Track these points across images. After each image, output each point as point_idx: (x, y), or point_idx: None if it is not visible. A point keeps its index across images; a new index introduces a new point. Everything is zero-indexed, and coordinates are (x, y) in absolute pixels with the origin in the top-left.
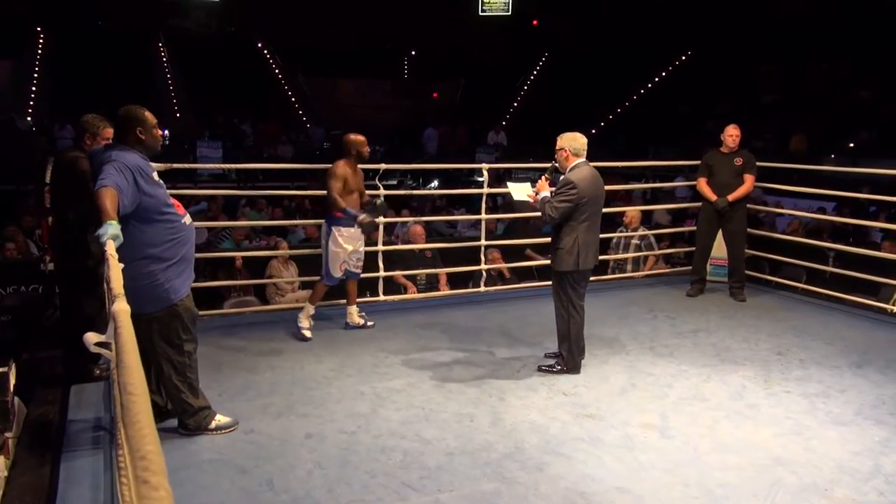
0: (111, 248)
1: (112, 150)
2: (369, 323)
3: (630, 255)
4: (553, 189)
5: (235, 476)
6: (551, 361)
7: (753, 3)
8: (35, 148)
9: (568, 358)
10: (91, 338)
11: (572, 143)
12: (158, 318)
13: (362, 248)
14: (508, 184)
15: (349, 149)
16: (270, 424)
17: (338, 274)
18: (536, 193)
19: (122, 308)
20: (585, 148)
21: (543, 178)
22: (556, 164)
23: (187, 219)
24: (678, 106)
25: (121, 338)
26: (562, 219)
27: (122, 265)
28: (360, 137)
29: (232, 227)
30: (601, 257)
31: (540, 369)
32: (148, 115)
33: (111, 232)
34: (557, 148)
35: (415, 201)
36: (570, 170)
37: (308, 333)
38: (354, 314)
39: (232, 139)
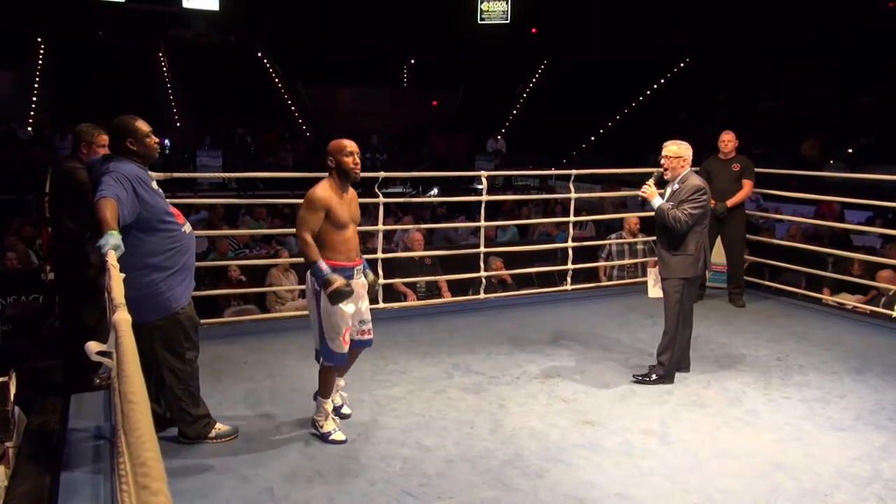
0: (112, 258)
1: (110, 162)
2: (345, 410)
3: (639, 260)
4: (661, 194)
5: (236, 484)
6: (645, 371)
7: (752, 11)
8: (35, 158)
9: (669, 367)
10: (93, 347)
11: (689, 152)
12: (160, 327)
13: (366, 307)
14: (652, 295)
15: (328, 161)
16: (270, 433)
17: (343, 348)
18: (640, 200)
19: (122, 317)
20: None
21: (650, 182)
22: (664, 171)
23: (187, 227)
24: (677, 112)
25: (121, 346)
26: (692, 225)
27: (123, 275)
28: (343, 142)
29: (232, 235)
30: (599, 264)
31: (635, 378)
32: (139, 124)
33: (112, 242)
34: (673, 155)
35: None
36: (684, 178)
37: (340, 436)
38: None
39: (234, 148)
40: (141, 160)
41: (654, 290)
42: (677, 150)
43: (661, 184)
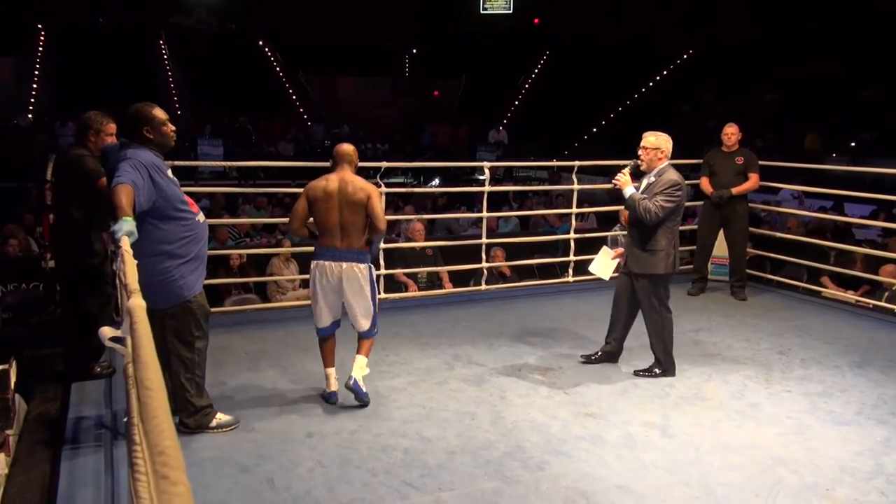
0: (126, 244)
1: (127, 149)
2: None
3: None
4: (636, 186)
5: (237, 474)
6: (646, 366)
7: (755, 4)
8: (36, 145)
9: (666, 360)
10: (106, 332)
11: (668, 144)
12: (171, 315)
13: None
14: (593, 270)
15: (357, 162)
16: (271, 423)
17: None
18: (613, 185)
19: (137, 303)
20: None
21: (626, 172)
22: (640, 162)
23: (201, 216)
24: (679, 105)
25: (136, 332)
26: (662, 219)
27: (136, 261)
28: None
29: (235, 224)
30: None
31: (636, 374)
32: (156, 112)
33: (126, 228)
34: (651, 146)
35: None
36: (662, 171)
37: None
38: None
39: (234, 137)
40: (157, 148)
41: (596, 266)
42: (655, 142)
43: (638, 175)
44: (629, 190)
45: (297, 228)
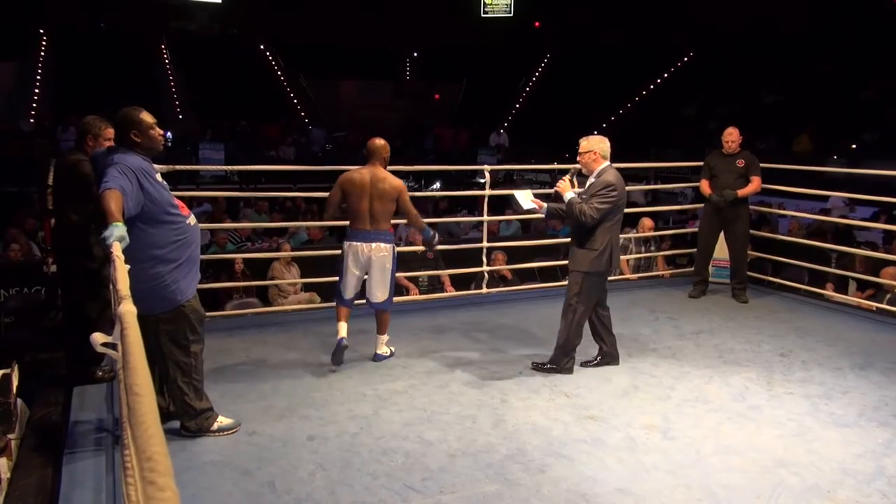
0: (117, 250)
1: (115, 154)
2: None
3: (652, 254)
4: (580, 190)
5: (238, 477)
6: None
7: (755, 5)
8: (37, 150)
9: (557, 354)
10: (97, 338)
11: (601, 145)
12: (166, 319)
13: None
14: (514, 193)
15: (386, 156)
16: (272, 426)
17: None
18: (554, 194)
19: (128, 309)
20: (609, 151)
21: (566, 178)
22: (580, 167)
23: (192, 219)
24: (680, 107)
25: (127, 339)
26: (599, 220)
27: (128, 267)
28: None
29: (235, 228)
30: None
31: (532, 365)
32: (144, 116)
33: (117, 234)
34: (584, 150)
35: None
36: (601, 172)
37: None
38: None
39: (236, 141)
40: (145, 152)
41: (519, 195)
42: (587, 146)
43: (583, 178)
44: (569, 195)
45: (333, 214)
